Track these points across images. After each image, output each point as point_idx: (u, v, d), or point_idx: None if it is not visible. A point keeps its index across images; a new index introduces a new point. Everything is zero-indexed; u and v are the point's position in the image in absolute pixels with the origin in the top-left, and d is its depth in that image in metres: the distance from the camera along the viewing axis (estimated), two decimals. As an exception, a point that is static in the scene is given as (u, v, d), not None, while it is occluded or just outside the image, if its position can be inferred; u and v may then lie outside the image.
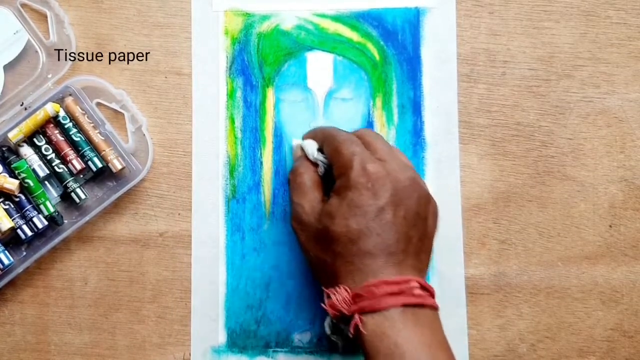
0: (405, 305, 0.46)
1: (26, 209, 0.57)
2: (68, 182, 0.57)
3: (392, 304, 0.45)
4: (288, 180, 0.54)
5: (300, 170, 0.53)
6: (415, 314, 0.46)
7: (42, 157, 0.58)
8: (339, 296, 0.47)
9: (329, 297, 0.48)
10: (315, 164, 0.53)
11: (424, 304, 0.47)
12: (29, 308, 0.58)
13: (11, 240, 0.58)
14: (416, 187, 0.49)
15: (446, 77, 0.59)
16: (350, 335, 0.47)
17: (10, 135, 0.57)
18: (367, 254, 0.47)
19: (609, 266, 0.58)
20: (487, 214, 0.58)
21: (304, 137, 0.56)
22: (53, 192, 0.58)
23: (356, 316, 0.46)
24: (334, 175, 0.51)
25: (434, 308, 0.48)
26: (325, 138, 0.53)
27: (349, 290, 0.47)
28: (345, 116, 0.59)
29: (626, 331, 0.58)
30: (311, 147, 0.54)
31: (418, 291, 0.47)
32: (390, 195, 0.48)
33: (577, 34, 0.59)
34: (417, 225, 0.49)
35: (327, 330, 0.51)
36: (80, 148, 0.58)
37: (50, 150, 0.58)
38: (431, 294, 0.48)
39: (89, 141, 0.58)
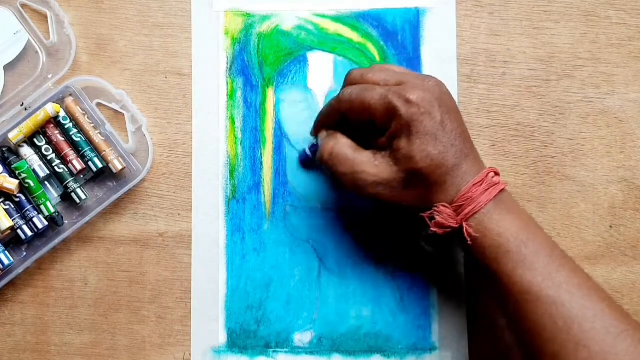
0: (495, 197, 0.49)
1: (26, 209, 0.57)
2: (68, 183, 0.57)
3: (487, 200, 0.49)
4: (322, 163, 0.52)
5: (330, 145, 0.52)
6: (502, 200, 0.49)
7: (43, 157, 0.58)
8: (444, 215, 0.49)
9: (431, 219, 0.50)
10: (341, 134, 0.53)
11: (503, 188, 0.50)
12: (29, 308, 0.58)
13: (11, 241, 0.58)
14: (443, 88, 0.51)
15: (446, 78, 0.59)
16: (469, 242, 0.49)
17: (11, 135, 0.57)
18: (453, 167, 0.49)
19: (609, 266, 0.58)
20: (487, 214, 0.58)
21: (316, 127, 0.55)
22: (53, 193, 0.58)
23: (465, 225, 0.49)
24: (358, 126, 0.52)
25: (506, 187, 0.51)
26: (340, 107, 0.52)
27: (448, 206, 0.49)
28: (346, 116, 0.59)
29: (626, 331, 0.58)
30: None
31: (496, 178, 0.50)
32: (438, 107, 0.49)
33: (577, 34, 0.59)
34: (460, 118, 0.51)
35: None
36: (80, 148, 0.58)
37: (51, 151, 0.58)
38: (498, 174, 0.51)
39: (89, 141, 0.58)
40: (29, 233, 0.57)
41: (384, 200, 0.51)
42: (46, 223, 0.57)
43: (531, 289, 0.47)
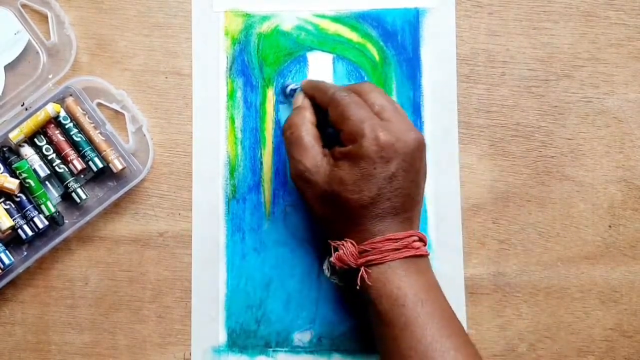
0: (406, 257, 0.50)
1: (27, 209, 0.57)
2: (69, 182, 0.58)
3: (395, 257, 0.49)
4: (283, 131, 0.54)
5: (297, 122, 0.53)
6: (415, 262, 0.50)
7: (43, 157, 0.58)
8: (347, 250, 0.50)
9: (335, 249, 0.51)
10: (312, 114, 0.53)
11: (422, 255, 0.50)
12: (29, 308, 0.59)
13: (12, 240, 0.58)
14: (421, 148, 0.51)
15: (446, 78, 0.59)
16: (357, 287, 0.50)
17: (11, 135, 0.57)
18: (376, 217, 0.50)
19: (608, 266, 0.58)
20: (487, 214, 0.58)
21: (303, 88, 0.56)
22: (54, 192, 0.58)
23: (362, 269, 0.50)
24: (330, 125, 0.52)
25: (427, 255, 0.51)
26: (329, 102, 0.52)
27: (355, 245, 0.50)
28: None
29: (625, 331, 0.58)
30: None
31: (417, 243, 0.50)
32: (400, 161, 0.49)
33: (576, 35, 0.59)
34: (420, 182, 0.51)
35: (326, 272, 0.55)
36: (81, 148, 0.58)
37: (51, 151, 0.58)
38: (425, 242, 0.51)
39: (90, 141, 0.58)
40: (30, 233, 0.57)
41: (304, 199, 0.52)
42: (47, 223, 0.57)
43: (418, 347, 0.47)
